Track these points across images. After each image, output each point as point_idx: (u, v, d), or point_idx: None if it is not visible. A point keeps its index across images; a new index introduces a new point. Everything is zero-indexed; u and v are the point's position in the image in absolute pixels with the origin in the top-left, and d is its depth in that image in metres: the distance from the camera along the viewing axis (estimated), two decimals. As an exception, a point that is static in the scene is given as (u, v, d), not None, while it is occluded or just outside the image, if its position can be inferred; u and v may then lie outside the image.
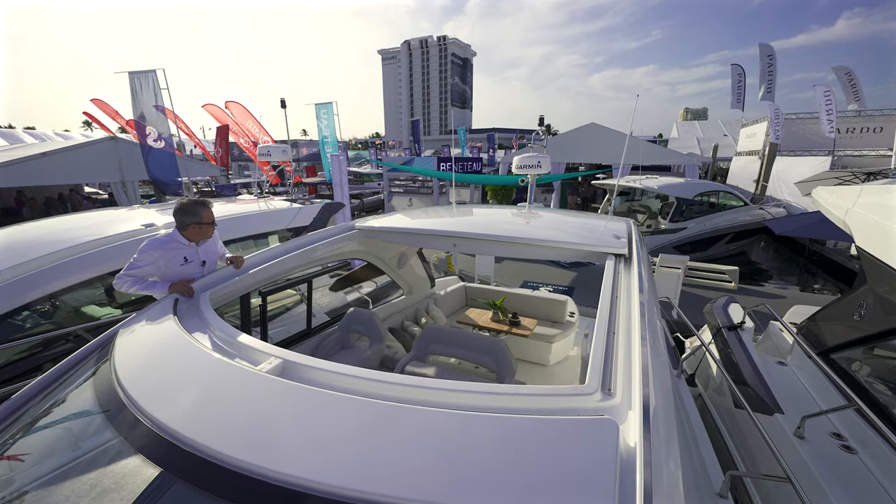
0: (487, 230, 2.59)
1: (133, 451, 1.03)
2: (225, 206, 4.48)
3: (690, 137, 26.36)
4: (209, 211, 2.45)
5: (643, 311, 1.50)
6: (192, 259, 2.45)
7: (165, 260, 2.34)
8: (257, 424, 1.02)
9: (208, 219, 2.43)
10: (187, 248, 2.43)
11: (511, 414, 1.01)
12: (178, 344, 1.40)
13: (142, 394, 1.18)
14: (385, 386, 1.14)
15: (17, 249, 2.93)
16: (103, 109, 17.78)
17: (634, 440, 0.93)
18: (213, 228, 2.49)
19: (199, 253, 2.49)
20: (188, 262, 2.42)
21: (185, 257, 2.41)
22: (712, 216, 11.13)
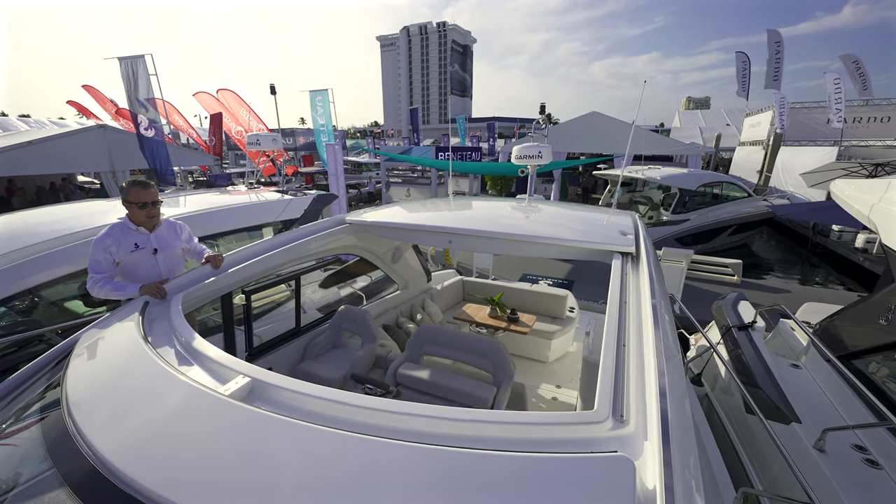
0: (485, 226, 2.43)
1: (67, 490, 0.89)
2: (211, 197, 4.30)
3: (693, 127, 26.00)
4: (139, 190, 2.31)
5: (657, 318, 1.35)
6: (144, 245, 2.36)
7: (117, 247, 2.28)
8: (211, 462, 0.87)
9: (135, 197, 2.29)
10: (137, 233, 2.36)
11: (510, 451, 0.88)
12: (137, 358, 1.25)
13: (87, 419, 1.03)
14: (368, 413, 1.00)
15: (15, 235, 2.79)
16: (95, 97, 17.40)
17: (653, 482, 0.80)
18: (153, 211, 2.37)
19: (152, 240, 2.40)
20: (139, 248, 2.34)
21: (136, 243, 2.34)
22: (715, 208, 10.95)
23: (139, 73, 7.02)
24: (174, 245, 2.53)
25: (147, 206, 2.33)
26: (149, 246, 2.39)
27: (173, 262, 2.54)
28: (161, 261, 2.45)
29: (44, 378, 1.38)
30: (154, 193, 2.37)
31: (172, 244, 2.52)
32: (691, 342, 3.81)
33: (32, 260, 2.78)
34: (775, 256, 12.50)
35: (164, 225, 2.54)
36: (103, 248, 2.26)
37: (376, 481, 0.82)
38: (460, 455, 0.86)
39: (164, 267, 2.47)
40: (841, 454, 1.73)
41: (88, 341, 1.45)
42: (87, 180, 16.38)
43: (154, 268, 2.43)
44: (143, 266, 2.38)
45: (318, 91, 11.71)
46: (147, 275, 2.38)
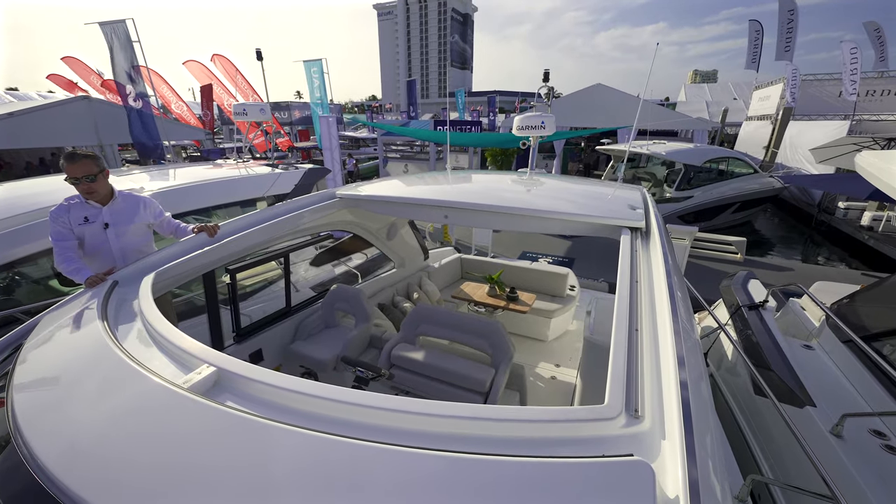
0: (484, 199, 2.26)
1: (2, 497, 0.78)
2: (198, 171, 4.09)
3: (699, 101, 25.26)
4: (67, 165, 2.17)
5: (673, 299, 1.22)
6: (94, 220, 2.28)
7: (70, 219, 2.23)
8: (164, 470, 0.75)
9: (70, 172, 2.17)
10: (89, 206, 2.28)
11: (513, 455, 0.76)
12: (93, 346, 1.12)
13: (29, 417, 0.91)
14: (350, 409, 0.87)
15: None
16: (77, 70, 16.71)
17: (676, 490, 0.69)
18: (88, 187, 2.21)
19: (104, 214, 2.30)
20: (88, 222, 2.26)
21: (86, 217, 2.26)
22: (719, 184, 10.70)
23: (122, 40, 6.64)
24: (132, 221, 2.39)
25: (80, 181, 2.17)
26: (99, 220, 2.28)
27: (130, 239, 2.41)
28: (113, 237, 2.33)
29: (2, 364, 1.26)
30: (85, 167, 2.18)
31: (129, 220, 2.38)
32: (696, 321, 3.72)
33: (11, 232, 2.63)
34: (778, 234, 12.34)
35: (122, 199, 2.40)
36: (56, 218, 2.21)
37: (358, 493, 0.70)
38: (457, 460, 0.74)
39: (117, 244, 2.35)
40: (859, 440, 1.64)
41: (46, 327, 1.33)
42: (77, 155, 15.96)
43: (104, 243, 2.33)
44: (94, 241, 2.29)
45: (313, 61, 11.24)
46: (98, 250, 2.32)
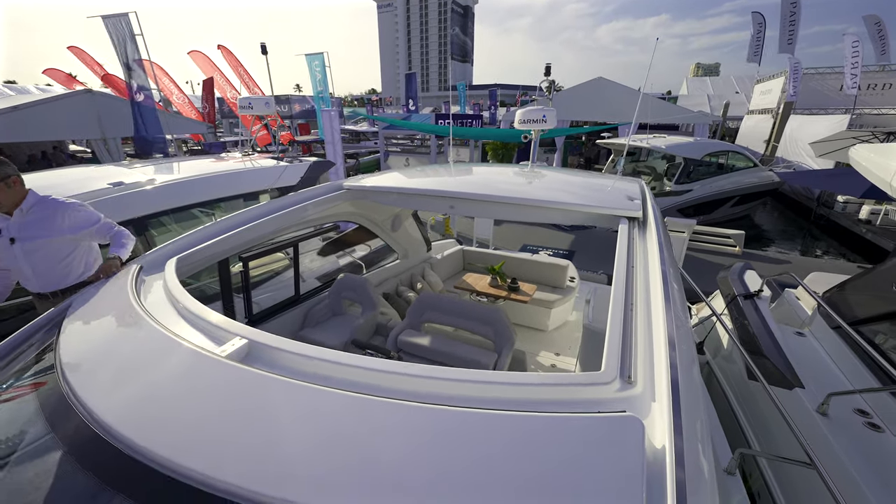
0: (488, 190, 2.34)
1: (65, 453, 0.87)
2: (205, 164, 4.17)
3: (701, 94, 25.18)
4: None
5: (665, 282, 1.31)
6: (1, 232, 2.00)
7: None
8: (209, 423, 0.85)
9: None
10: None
11: (516, 411, 0.85)
12: (132, 322, 1.21)
13: (81, 380, 1.00)
14: (368, 374, 0.96)
15: None
16: (82, 60, 16.66)
17: (662, 441, 0.79)
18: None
19: (9, 227, 2.01)
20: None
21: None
22: (719, 178, 10.76)
23: (125, 34, 6.66)
24: (46, 234, 2.05)
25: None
26: (6, 234, 1.99)
27: (47, 255, 2.08)
28: (20, 253, 2.02)
29: (37, 342, 1.35)
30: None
31: (42, 233, 2.04)
32: (693, 311, 3.81)
33: None
34: (777, 228, 12.41)
35: (39, 208, 2.07)
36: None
37: (377, 439, 0.79)
38: (463, 414, 0.83)
39: (27, 262, 2.04)
40: (843, 418, 1.74)
41: (81, 305, 1.41)
42: (78, 149, 16.01)
43: (13, 261, 2.03)
44: (2, 257, 2.03)
45: (315, 55, 11.22)
46: (7, 268, 2.05)
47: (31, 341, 1.37)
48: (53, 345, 1.20)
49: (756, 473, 1.93)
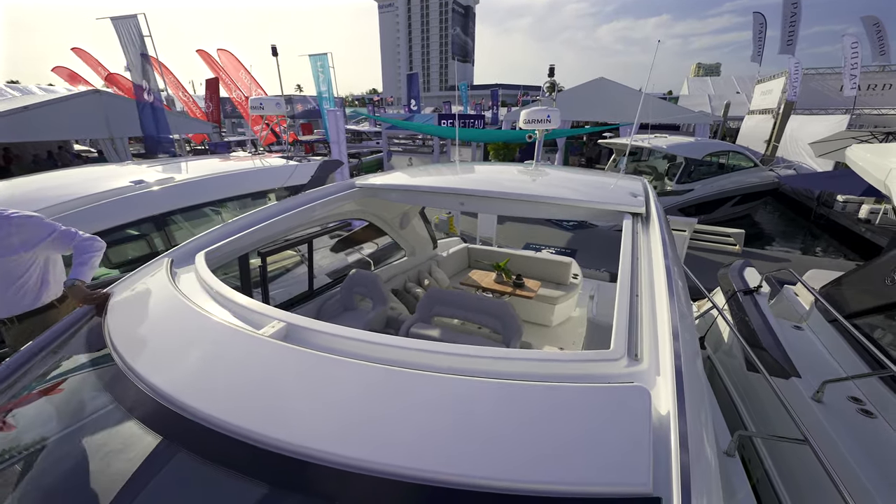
0: (497, 187, 2.43)
1: (131, 419, 0.97)
2: (218, 163, 4.27)
3: (702, 95, 25.27)
4: None
5: (668, 272, 1.40)
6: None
7: None
8: (260, 391, 0.94)
9: None
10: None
11: (532, 381, 0.94)
12: (176, 307, 1.31)
13: (138, 359, 1.10)
14: (395, 350, 1.06)
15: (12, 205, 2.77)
16: (86, 61, 16.78)
17: (667, 408, 0.87)
18: None
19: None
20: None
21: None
22: (720, 178, 10.84)
23: (135, 35, 6.77)
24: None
25: None
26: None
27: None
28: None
29: (84, 328, 1.44)
30: None
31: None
32: (695, 308, 3.91)
33: None
34: (778, 227, 12.50)
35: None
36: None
37: (406, 405, 0.89)
38: (485, 384, 0.92)
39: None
40: (837, 405, 1.83)
41: (121, 295, 1.50)
42: (83, 149, 16.12)
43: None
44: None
45: (318, 56, 11.31)
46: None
47: (76, 327, 1.46)
48: (101, 329, 1.29)
49: (755, 460, 2.02)
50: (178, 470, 0.90)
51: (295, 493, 0.81)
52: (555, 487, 0.71)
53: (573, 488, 0.71)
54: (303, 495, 0.81)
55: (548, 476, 0.73)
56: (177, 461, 0.90)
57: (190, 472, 0.90)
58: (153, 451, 0.90)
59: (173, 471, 0.90)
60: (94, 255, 1.99)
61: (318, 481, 0.78)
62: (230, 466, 0.83)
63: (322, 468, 0.77)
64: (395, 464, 0.76)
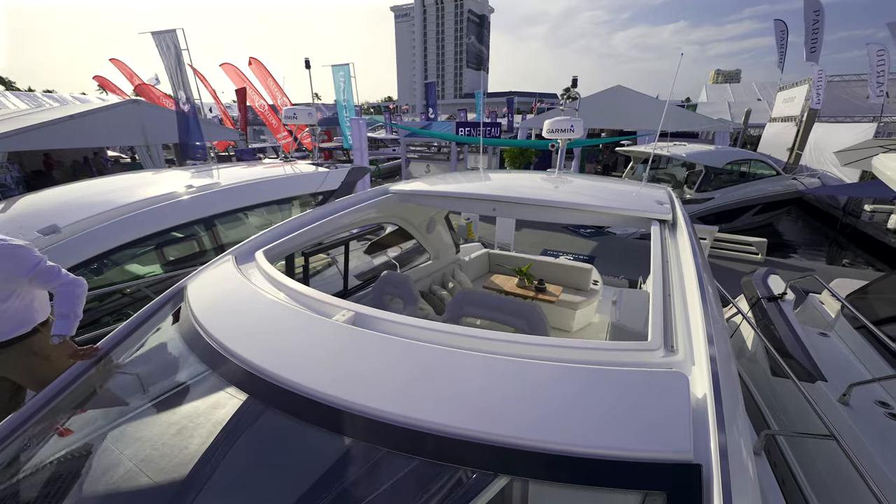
0: (528, 194, 2.56)
1: (223, 382, 1.14)
2: (254, 169, 4.51)
3: (721, 102, 24.94)
4: None
5: (699, 273, 1.49)
6: None
7: None
8: (336, 364, 1.09)
9: None
10: None
11: (576, 364, 1.03)
12: (251, 295, 1.47)
13: (227, 336, 1.25)
14: (453, 337, 1.18)
15: (72, 208, 3.04)
16: (121, 70, 17.62)
17: (703, 392, 0.95)
18: None
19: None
20: None
21: None
22: (741, 186, 10.72)
23: (172, 48, 7.17)
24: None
25: None
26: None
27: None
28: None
29: (166, 314, 1.62)
30: None
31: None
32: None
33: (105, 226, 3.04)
34: (801, 236, 12.24)
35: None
36: None
37: (464, 381, 1.01)
38: (534, 365, 1.03)
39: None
40: (864, 408, 1.87)
41: (198, 286, 1.67)
42: (116, 154, 16.86)
43: None
44: None
45: (340, 66, 11.67)
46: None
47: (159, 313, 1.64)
48: (184, 315, 1.46)
49: (781, 463, 2.07)
50: (266, 424, 1.11)
51: (363, 444, 0.96)
52: (607, 452, 0.82)
53: (623, 453, 0.82)
54: (368, 446, 0.96)
55: (600, 441, 0.83)
56: (266, 417, 1.08)
57: (276, 426, 1.10)
58: (244, 410, 1.06)
59: (262, 424, 1.11)
60: (76, 303, 1.95)
61: (384, 436, 0.91)
62: (314, 423, 0.98)
63: (387, 426, 0.90)
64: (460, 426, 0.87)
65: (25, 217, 3.00)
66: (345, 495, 1.00)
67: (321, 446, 1.06)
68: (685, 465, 0.80)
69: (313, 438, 1.04)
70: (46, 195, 3.63)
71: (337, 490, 1.01)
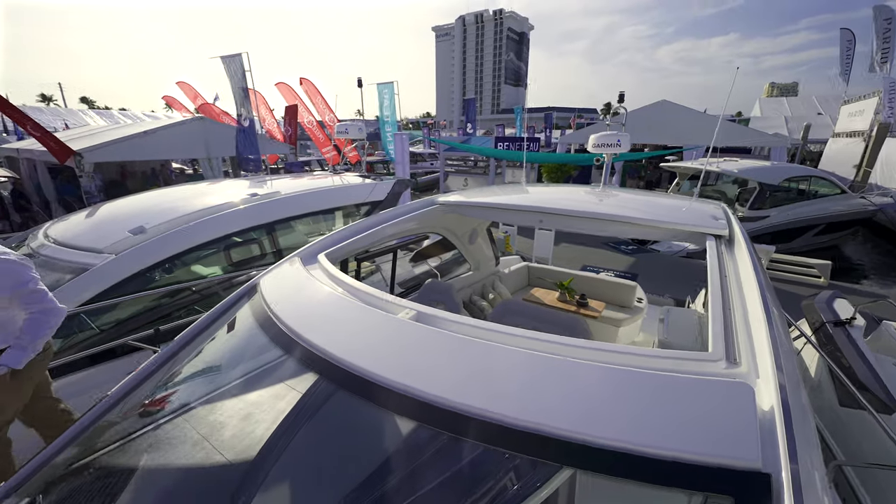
0: (575, 206, 2.57)
1: (297, 365, 1.27)
2: (309, 180, 4.84)
3: (777, 116, 23.57)
4: None
5: (761, 289, 1.45)
6: None
7: None
8: (400, 355, 1.16)
9: None
10: None
11: (637, 368, 1.04)
12: (320, 291, 1.59)
13: (300, 325, 1.37)
14: (512, 338, 1.22)
15: (155, 213, 3.40)
16: (185, 91, 19.39)
17: (771, 405, 0.92)
18: None
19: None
20: None
21: None
22: (800, 204, 10.01)
23: (237, 70, 7.86)
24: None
25: None
26: None
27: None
28: None
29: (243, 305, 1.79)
30: None
31: None
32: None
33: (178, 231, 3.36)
34: (872, 260, 11.19)
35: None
36: None
37: (532, 379, 1.04)
38: (593, 367, 1.05)
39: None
40: None
41: (271, 283, 1.82)
42: (179, 167, 18.42)
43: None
44: None
45: (385, 84, 12.24)
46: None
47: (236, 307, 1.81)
48: (262, 305, 1.61)
49: (850, 497, 1.92)
50: (336, 405, 1.23)
51: (422, 427, 1.03)
52: (672, 453, 0.83)
53: (692, 456, 0.82)
54: (425, 429, 1.02)
55: (665, 443, 0.85)
56: (337, 397, 1.20)
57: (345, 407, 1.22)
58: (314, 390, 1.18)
59: (332, 405, 1.24)
60: (42, 335, 1.92)
61: (442, 421, 0.97)
62: (383, 407, 1.06)
63: (446, 412, 0.97)
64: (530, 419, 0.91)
65: (115, 220, 3.39)
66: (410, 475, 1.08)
67: (389, 429, 1.14)
68: (754, 473, 0.79)
69: (380, 420, 1.13)
70: (129, 201, 4.07)
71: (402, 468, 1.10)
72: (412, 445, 1.10)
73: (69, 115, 29.45)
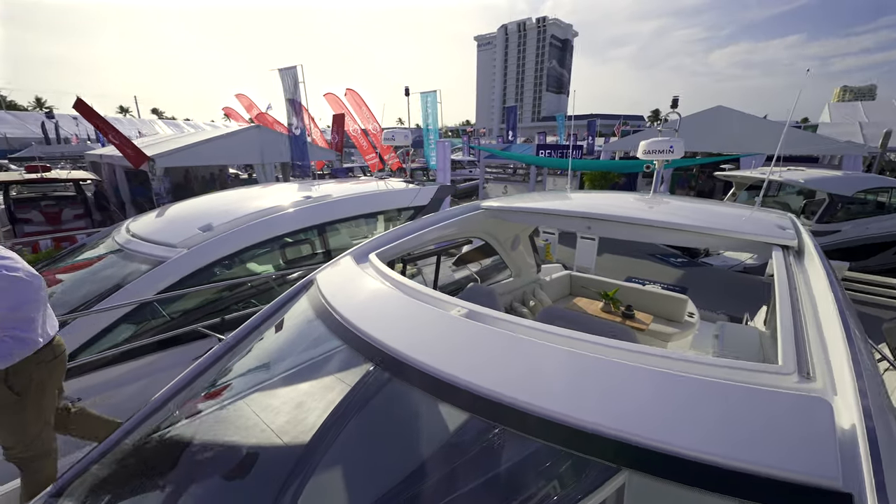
0: (626, 212, 2.49)
1: (354, 355, 1.34)
2: (357, 185, 5.06)
3: (850, 122, 21.56)
4: None
5: (837, 303, 1.33)
6: None
7: None
8: (452, 349, 1.19)
9: None
10: None
11: (704, 377, 0.99)
12: (373, 287, 1.66)
13: (357, 318, 1.44)
14: (568, 340, 1.20)
15: (220, 213, 3.69)
16: (241, 102, 20.89)
17: (851, 422, 0.84)
18: None
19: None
20: None
21: None
22: (879, 219, 9.05)
23: (291, 81, 8.37)
24: None
25: None
26: None
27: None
28: None
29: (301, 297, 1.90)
30: None
31: None
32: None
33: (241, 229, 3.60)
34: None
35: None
36: None
37: (599, 384, 1.02)
38: (656, 373, 1.01)
39: None
40: None
41: (327, 279, 1.92)
42: (235, 172, 19.80)
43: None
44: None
45: (428, 93, 12.51)
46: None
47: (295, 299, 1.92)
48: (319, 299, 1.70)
49: None
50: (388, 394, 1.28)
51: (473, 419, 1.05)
52: (748, 466, 0.78)
53: (767, 470, 0.77)
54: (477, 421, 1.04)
55: (741, 455, 0.81)
56: (391, 384, 1.26)
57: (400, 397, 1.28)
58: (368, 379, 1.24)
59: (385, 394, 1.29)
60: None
61: (494, 413, 0.99)
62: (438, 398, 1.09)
63: (497, 405, 0.98)
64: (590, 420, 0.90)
65: (186, 218, 3.71)
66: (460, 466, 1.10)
67: (441, 420, 1.17)
68: (834, 492, 0.74)
69: (432, 411, 1.16)
70: (196, 202, 4.43)
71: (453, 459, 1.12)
72: (463, 437, 1.12)
73: (142, 125, 32.63)
